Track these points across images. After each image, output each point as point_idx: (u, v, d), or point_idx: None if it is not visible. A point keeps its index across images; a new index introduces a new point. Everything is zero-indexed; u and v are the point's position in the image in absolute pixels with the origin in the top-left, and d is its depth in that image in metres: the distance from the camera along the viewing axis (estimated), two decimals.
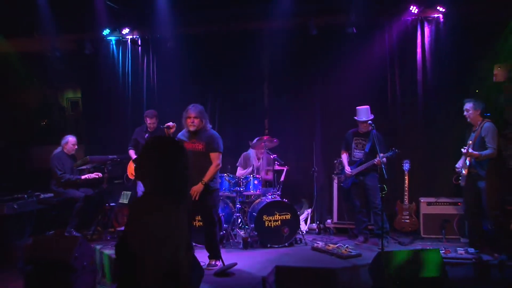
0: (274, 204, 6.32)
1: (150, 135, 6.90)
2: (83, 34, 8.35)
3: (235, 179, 6.54)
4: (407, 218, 6.80)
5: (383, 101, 7.47)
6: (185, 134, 5.39)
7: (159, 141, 2.45)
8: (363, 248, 6.07)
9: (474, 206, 5.74)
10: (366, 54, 7.54)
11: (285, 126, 7.95)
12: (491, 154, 5.53)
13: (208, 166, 5.21)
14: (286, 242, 6.28)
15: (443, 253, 5.41)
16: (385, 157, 6.16)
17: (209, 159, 5.25)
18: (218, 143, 5.31)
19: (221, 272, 5.04)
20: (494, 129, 5.63)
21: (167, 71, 8.22)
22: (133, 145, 7.06)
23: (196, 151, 5.24)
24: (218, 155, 5.28)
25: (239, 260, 5.40)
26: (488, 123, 5.68)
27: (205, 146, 5.25)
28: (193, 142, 5.28)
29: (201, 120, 5.28)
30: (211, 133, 5.36)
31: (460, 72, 7.12)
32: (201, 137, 5.29)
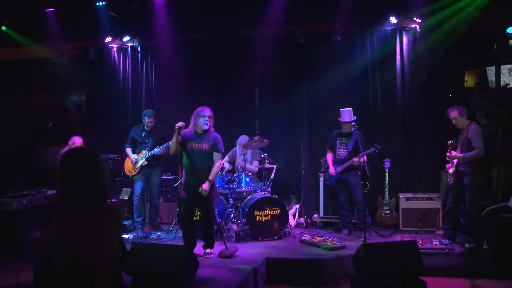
0: (265, 200, 6.35)
1: (147, 133, 6.88)
2: (87, 41, 8.38)
3: (228, 177, 6.56)
4: (387, 212, 6.86)
5: (365, 104, 7.51)
6: (191, 133, 5.38)
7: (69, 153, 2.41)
8: (347, 241, 6.10)
9: (458, 201, 5.79)
10: (349, 61, 7.58)
11: (274, 127, 7.97)
12: (476, 154, 5.50)
13: (211, 164, 5.29)
14: (275, 235, 6.31)
15: (420, 244, 5.46)
16: (367, 153, 6.21)
17: (211, 159, 5.33)
18: (221, 145, 5.42)
19: (227, 256, 5.28)
20: (480, 131, 5.61)
21: (165, 76, 8.22)
22: (130, 143, 6.96)
23: (202, 150, 5.29)
24: (220, 156, 5.41)
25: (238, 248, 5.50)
26: (474, 125, 5.67)
27: (210, 147, 5.30)
28: (199, 142, 5.32)
29: (213, 120, 5.36)
30: (215, 135, 5.43)
31: (434, 78, 7.21)
32: (207, 138, 5.34)
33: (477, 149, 5.50)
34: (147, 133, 6.89)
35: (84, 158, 2.34)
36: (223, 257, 5.29)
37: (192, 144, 5.30)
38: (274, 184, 7.14)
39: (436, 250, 5.50)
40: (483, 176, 5.71)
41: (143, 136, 6.90)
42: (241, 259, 5.30)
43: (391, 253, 4.36)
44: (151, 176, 6.90)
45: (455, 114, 5.70)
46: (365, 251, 4.32)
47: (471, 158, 5.55)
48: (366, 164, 5.87)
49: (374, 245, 4.75)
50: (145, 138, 6.88)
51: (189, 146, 5.27)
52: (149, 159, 6.74)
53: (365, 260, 4.25)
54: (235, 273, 4.70)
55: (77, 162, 2.32)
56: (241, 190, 6.70)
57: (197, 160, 5.23)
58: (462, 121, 5.71)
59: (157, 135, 6.88)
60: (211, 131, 5.42)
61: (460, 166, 5.69)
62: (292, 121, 7.97)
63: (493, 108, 6.67)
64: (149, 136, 6.87)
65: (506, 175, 6.69)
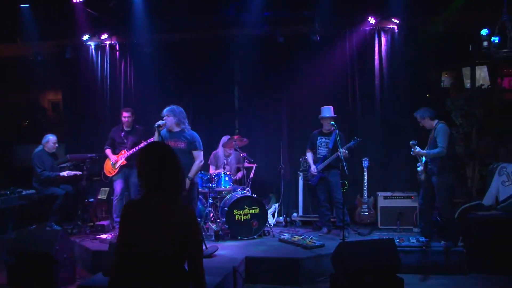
0: (244, 199, 6.33)
1: (126, 133, 6.82)
2: (64, 40, 8.20)
3: (207, 176, 6.52)
4: (366, 211, 6.91)
5: (345, 104, 7.54)
6: (166, 132, 5.40)
7: (152, 146, 2.54)
8: (326, 239, 6.13)
9: (429, 199, 5.86)
10: (329, 61, 7.61)
11: (254, 126, 7.96)
12: (438, 153, 5.56)
13: (188, 162, 5.25)
14: (255, 235, 6.29)
15: (398, 242, 5.51)
16: (347, 147, 6.26)
17: (190, 156, 5.32)
18: (199, 142, 5.40)
19: (206, 255, 5.18)
20: (445, 130, 5.68)
21: (144, 75, 8.13)
22: (109, 144, 6.89)
23: (178, 148, 5.25)
24: (200, 153, 5.39)
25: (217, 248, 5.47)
26: (441, 124, 5.74)
27: (187, 145, 5.27)
28: (175, 141, 5.31)
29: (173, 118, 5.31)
30: (192, 133, 5.42)
31: (412, 78, 7.27)
32: (182, 136, 5.30)
33: (440, 147, 5.57)
34: (126, 133, 6.84)
35: (169, 150, 2.44)
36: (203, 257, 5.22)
37: (168, 143, 5.28)
38: (254, 183, 7.13)
39: (413, 247, 5.57)
40: (452, 175, 5.76)
41: (122, 136, 6.84)
42: (220, 258, 5.27)
43: (370, 251, 4.40)
44: (131, 176, 6.82)
45: (419, 117, 5.84)
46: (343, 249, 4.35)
47: (434, 155, 5.62)
48: (345, 163, 5.90)
49: (353, 243, 4.79)
50: (124, 138, 6.82)
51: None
52: (128, 158, 6.67)
53: (344, 258, 4.27)
54: (214, 272, 4.66)
55: (164, 153, 2.39)
56: (221, 189, 6.66)
57: None
58: (427, 123, 5.82)
59: (136, 135, 6.82)
60: (188, 129, 5.40)
61: (428, 165, 5.79)
62: (272, 120, 7.97)
63: (469, 108, 6.77)
64: (128, 136, 6.82)
65: (480, 174, 6.79)
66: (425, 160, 5.83)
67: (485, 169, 6.59)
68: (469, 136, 6.92)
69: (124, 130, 6.85)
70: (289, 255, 5.42)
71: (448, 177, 5.69)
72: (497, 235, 5.49)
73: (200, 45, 7.99)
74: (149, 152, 2.41)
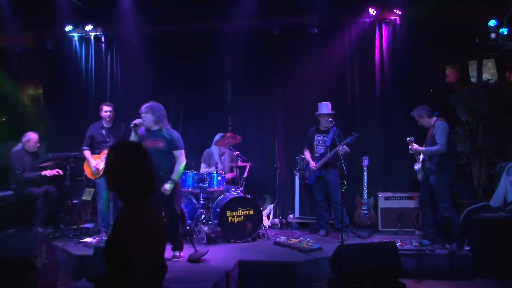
0: (238, 200, 6.30)
1: (108, 131, 6.62)
2: (45, 30, 8.10)
3: (198, 176, 6.48)
4: (365, 212, 6.91)
5: (343, 100, 7.54)
6: (144, 132, 5.35)
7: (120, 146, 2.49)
8: (324, 242, 6.11)
9: (428, 200, 5.87)
10: (326, 54, 7.60)
11: (248, 123, 7.95)
12: (438, 150, 5.57)
13: (168, 163, 5.20)
14: (249, 237, 6.26)
15: (399, 245, 5.50)
16: (345, 143, 6.24)
17: (170, 156, 5.26)
18: (180, 141, 5.32)
19: (195, 258, 5.15)
20: (444, 127, 5.69)
21: (131, 69, 8.07)
22: (88, 144, 6.54)
23: (157, 148, 5.20)
24: (182, 152, 5.31)
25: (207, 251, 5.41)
26: (440, 121, 5.75)
27: (166, 144, 5.22)
28: (153, 140, 5.25)
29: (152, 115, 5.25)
30: (171, 132, 5.35)
31: (415, 73, 7.29)
32: (160, 135, 5.25)
33: (439, 144, 5.59)
34: (107, 130, 6.64)
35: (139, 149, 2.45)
36: (192, 260, 5.20)
37: (146, 142, 5.24)
38: (248, 183, 7.09)
39: (416, 251, 5.54)
40: (451, 173, 5.75)
41: (103, 134, 6.60)
42: (212, 262, 5.23)
43: (370, 254, 4.39)
44: None
45: (416, 115, 5.87)
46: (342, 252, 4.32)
47: (433, 153, 5.64)
48: (343, 162, 5.88)
49: (352, 246, 4.77)
50: (106, 136, 6.59)
51: (144, 145, 5.21)
52: None
53: (342, 262, 4.25)
54: (206, 277, 4.62)
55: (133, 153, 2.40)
56: (213, 190, 6.62)
57: (155, 159, 5.13)
58: (425, 121, 5.84)
59: (119, 132, 6.67)
60: (167, 127, 5.35)
61: (425, 163, 5.79)
62: (267, 117, 7.95)
63: (475, 104, 6.76)
64: (110, 133, 6.64)
65: (487, 172, 6.79)
66: (422, 158, 5.83)
67: (492, 168, 6.59)
68: (475, 133, 6.90)
69: (105, 127, 6.64)
70: (285, 259, 5.39)
71: (447, 176, 5.69)
72: (505, 238, 5.47)
73: (191, 37, 7.94)
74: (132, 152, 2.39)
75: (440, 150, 5.58)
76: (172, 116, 7.63)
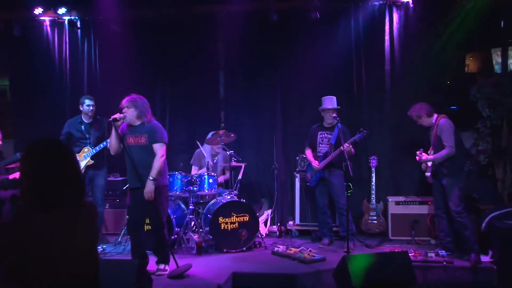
0: (231, 205, 6.31)
1: (87, 126, 6.67)
2: (11, 13, 8.02)
3: (187, 178, 6.49)
4: (374, 218, 6.93)
5: (349, 93, 7.55)
6: (127, 128, 5.35)
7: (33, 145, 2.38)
8: (327, 252, 6.13)
9: (442, 205, 5.91)
10: (330, 42, 7.61)
11: (242, 119, 7.96)
12: (448, 154, 5.68)
13: (152, 161, 5.17)
14: (244, 246, 6.28)
15: (412, 256, 5.53)
16: (352, 141, 6.27)
17: (154, 154, 5.21)
18: (161, 134, 5.25)
19: (176, 275, 5.07)
20: (450, 125, 5.78)
21: (111, 58, 8.02)
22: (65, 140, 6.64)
23: (140, 145, 5.20)
24: (161, 146, 5.21)
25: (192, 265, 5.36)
26: (443, 119, 5.84)
27: (148, 139, 5.21)
28: (135, 136, 5.24)
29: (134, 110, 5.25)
30: (152, 124, 5.31)
31: (430, 63, 7.26)
32: (144, 129, 5.25)
33: (448, 147, 5.69)
34: (87, 125, 6.69)
35: (59, 148, 2.35)
36: (172, 277, 5.09)
37: (129, 139, 5.24)
38: (242, 186, 7.12)
39: (432, 262, 5.56)
40: (463, 175, 5.84)
41: (82, 130, 6.67)
42: (203, 274, 5.22)
43: (379, 266, 4.40)
44: (95, 178, 6.72)
45: (414, 118, 6.01)
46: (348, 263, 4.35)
47: (443, 158, 5.74)
48: (349, 163, 5.91)
49: (359, 256, 4.79)
50: (86, 133, 6.66)
51: (126, 142, 5.22)
52: (94, 157, 6.60)
53: (348, 274, 4.27)
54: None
55: (53, 153, 2.31)
56: (203, 193, 6.63)
57: (136, 157, 5.15)
58: (424, 121, 5.98)
59: (100, 127, 6.70)
60: (150, 121, 5.33)
61: (436, 167, 5.88)
62: (263, 112, 7.96)
63: (498, 97, 6.73)
64: (90, 129, 6.68)
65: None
66: (431, 165, 5.92)
67: None
68: (498, 130, 6.90)
69: (85, 122, 6.70)
70: (284, 271, 5.40)
71: (461, 177, 5.80)
72: None
73: (179, 23, 7.93)
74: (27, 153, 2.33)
75: (450, 152, 5.68)
76: (157, 112, 7.65)
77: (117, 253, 6.30)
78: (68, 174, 2.30)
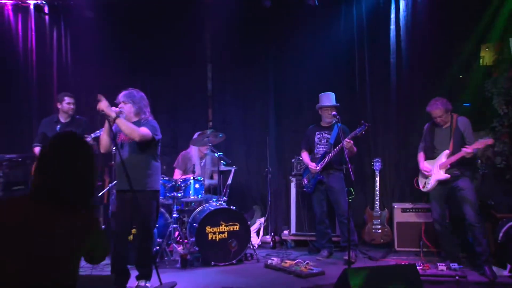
0: (220, 213, 6.31)
1: (64, 127, 6.67)
2: None
3: (171, 183, 6.49)
4: (378, 227, 6.96)
5: (350, 89, 7.62)
6: None
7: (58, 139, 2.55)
8: (326, 264, 6.15)
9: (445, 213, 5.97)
10: (330, 32, 7.68)
11: (232, 117, 8.00)
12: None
13: (144, 160, 5.16)
14: (234, 259, 6.28)
15: (421, 269, 5.55)
16: (353, 136, 6.24)
17: (147, 154, 5.19)
18: (154, 127, 5.20)
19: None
20: (469, 123, 5.90)
21: (85, 48, 8.03)
22: (40, 141, 6.72)
23: (133, 142, 5.18)
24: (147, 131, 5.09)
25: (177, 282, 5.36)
26: (461, 117, 5.91)
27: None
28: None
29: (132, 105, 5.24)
30: (150, 122, 5.26)
31: (440, 54, 7.31)
32: (138, 126, 5.22)
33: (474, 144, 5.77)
34: (64, 126, 6.70)
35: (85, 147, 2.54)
36: None
37: (122, 135, 5.22)
38: (232, 192, 7.14)
39: (443, 277, 5.56)
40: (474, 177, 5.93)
41: (59, 130, 6.66)
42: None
43: (384, 280, 4.43)
44: None
45: (441, 112, 5.91)
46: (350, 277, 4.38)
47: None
48: (350, 165, 5.91)
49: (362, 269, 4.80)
50: None
51: (118, 139, 5.21)
52: None
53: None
54: None
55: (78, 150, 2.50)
56: (189, 200, 6.63)
57: (127, 156, 5.14)
58: (447, 117, 5.98)
59: (79, 128, 6.69)
60: (147, 119, 5.33)
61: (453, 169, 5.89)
62: (256, 109, 8.01)
63: None
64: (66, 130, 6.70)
65: None
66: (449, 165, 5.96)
67: None
68: None
69: (61, 122, 6.73)
70: (279, 286, 5.40)
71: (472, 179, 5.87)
72: None
73: (161, 9, 7.96)
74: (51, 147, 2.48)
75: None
76: None
77: (90, 268, 6.20)
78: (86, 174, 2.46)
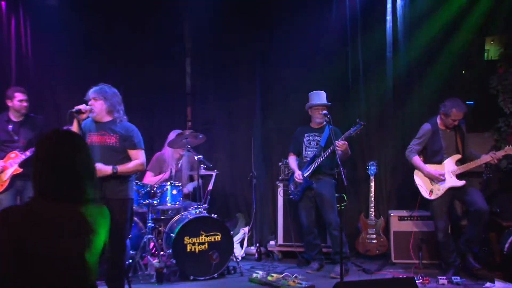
0: (199, 221, 6.30)
1: (17, 126, 6.55)
2: None
3: (145, 188, 6.46)
4: (373, 237, 6.99)
5: (343, 84, 7.64)
6: (92, 123, 5.28)
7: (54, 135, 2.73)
8: (317, 278, 6.16)
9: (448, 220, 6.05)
10: (321, 24, 7.68)
11: (214, 116, 7.99)
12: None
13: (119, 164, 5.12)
14: (215, 273, 6.25)
15: (420, 283, 5.60)
16: (347, 136, 6.27)
17: (123, 156, 5.18)
18: (138, 137, 5.24)
19: None
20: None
21: (48, 39, 7.94)
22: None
23: (107, 145, 5.15)
24: (141, 153, 5.23)
25: None
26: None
27: (120, 141, 5.18)
28: (102, 135, 5.19)
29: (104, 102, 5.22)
30: (127, 125, 5.27)
31: (442, 48, 7.33)
32: (114, 128, 5.21)
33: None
34: (16, 125, 6.59)
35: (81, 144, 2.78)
36: None
37: (92, 136, 5.19)
38: (213, 199, 7.13)
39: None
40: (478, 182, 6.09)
41: (9, 130, 6.56)
42: None
43: None
44: (25, 191, 6.64)
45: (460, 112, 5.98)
46: None
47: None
48: (342, 169, 5.90)
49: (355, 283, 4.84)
50: (14, 134, 6.55)
51: (89, 140, 5.18)
52: (23, 164, 6.50)
53: None
54: None
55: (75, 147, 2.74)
56: (165, 208, 6.61)
57: (100, 161, 5.11)
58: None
59: (33, 127, 6.62)
60: (122, 119, 5.32)
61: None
62: (239, 108, 8.02)
63: None
64: (20, 130, 6.59)
65: None
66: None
67: None
68: None
69: (13, 121, 6.59)
70: None
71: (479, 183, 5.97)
72: None
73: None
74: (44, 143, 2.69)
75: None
76: None
77: None
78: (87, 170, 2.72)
